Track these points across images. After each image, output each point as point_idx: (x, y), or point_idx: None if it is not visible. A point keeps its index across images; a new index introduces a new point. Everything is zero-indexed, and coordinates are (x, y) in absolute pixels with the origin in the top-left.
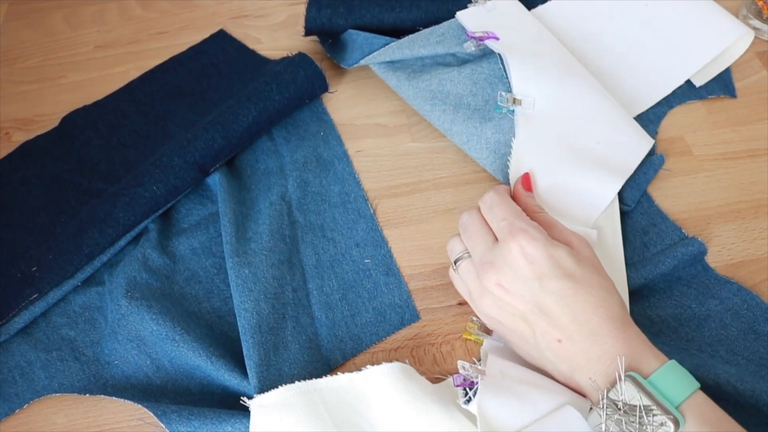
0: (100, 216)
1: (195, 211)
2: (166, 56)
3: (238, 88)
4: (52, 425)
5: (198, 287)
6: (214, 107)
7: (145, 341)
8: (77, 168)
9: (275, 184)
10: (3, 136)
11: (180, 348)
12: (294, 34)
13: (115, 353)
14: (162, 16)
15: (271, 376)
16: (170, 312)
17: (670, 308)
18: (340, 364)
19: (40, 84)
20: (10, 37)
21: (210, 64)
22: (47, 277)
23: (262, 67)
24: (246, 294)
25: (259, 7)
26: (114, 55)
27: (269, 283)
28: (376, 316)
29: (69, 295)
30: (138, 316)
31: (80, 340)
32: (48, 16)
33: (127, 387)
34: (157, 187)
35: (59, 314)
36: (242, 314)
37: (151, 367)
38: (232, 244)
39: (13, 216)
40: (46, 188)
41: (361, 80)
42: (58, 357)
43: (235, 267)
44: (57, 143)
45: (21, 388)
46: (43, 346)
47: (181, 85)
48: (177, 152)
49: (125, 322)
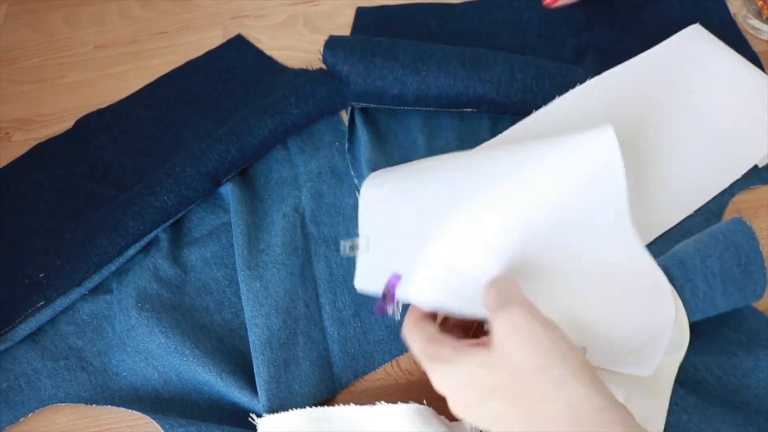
0: (109, 224)
1: (207, 221)
2: (166, 56)
3: (255, 97)
4: (52, 425)
5: (209, 299)
6: (229, 116)
7: (153, 354)
8: (89, 172)
9: (289, 195)
10: (3, 136)
11: (189, 363)
12: (294, 34)
13: (123, 364)
14: (162, 16)
15: (281, 393)
16: (180, 325)
17: (715, 354)
18: (351, 383)
19: (40, 84)
20: (10, 37)
21: (226, 70)
22: (55, 284)
23: (279, 74)
24: (257, 309)
25: (259, 7)
26: (114, 55)
27: (281, 297)
28: (388, 333)
29: (77, 303)
30: (147, 328)
31: (88, 349)
32: (48, 16)
33: (134, 399)
34: (169, 197)
35: (67, 322)
36: (253, 329)
37: (159, 381)
38: (244, 256)
39: (23, 219)
40: (57, 192)
41: None
42: (65, 366)
43: (247, 280)
44: (69, 146)
45: (27, 396)
46: (50, 354)
47: (197, 91)
48: (190, 162)
49: (134, 333)
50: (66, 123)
